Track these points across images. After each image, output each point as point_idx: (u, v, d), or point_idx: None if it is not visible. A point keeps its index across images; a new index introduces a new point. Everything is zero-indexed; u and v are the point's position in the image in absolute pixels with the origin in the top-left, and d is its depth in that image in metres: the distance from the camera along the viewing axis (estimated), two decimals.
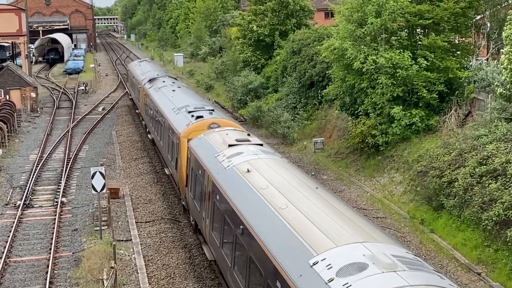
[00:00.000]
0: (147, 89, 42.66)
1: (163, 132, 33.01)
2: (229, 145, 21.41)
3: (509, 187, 22.61)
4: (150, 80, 44.23)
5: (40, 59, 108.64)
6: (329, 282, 11.27)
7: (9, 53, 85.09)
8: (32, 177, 33.76)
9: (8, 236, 25.40)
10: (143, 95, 44.24)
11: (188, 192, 24.49)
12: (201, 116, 27.85)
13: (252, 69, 57.55)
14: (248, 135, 23.63)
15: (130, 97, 60.29)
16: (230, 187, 18.16)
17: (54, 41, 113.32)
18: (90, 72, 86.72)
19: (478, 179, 24.15)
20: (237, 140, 22.02)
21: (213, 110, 30.11)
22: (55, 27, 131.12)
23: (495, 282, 20.87)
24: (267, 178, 17.45)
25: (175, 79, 48.27)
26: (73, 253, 23.91)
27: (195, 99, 35.56)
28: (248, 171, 18.25)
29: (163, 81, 42.59)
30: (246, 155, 19.94)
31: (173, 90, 37.90)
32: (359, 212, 16.54)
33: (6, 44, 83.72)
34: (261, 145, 21.96)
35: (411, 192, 28.67)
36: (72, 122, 50.40)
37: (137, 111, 52.02)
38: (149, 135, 41.67)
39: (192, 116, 28.20)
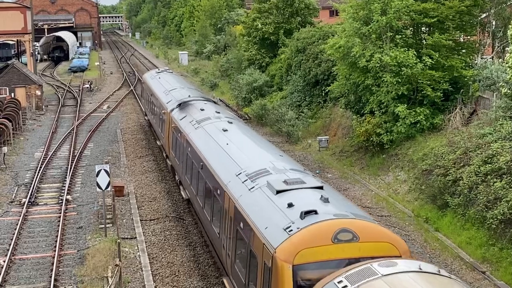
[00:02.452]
0: (177, 120, 29.72)
1: (222, 216, 18.80)
2: None
3: None
4: (181, 106, 31.36)
5: (45, 57, 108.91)
6: None
7: (14, 51, 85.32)
8: (37, 175, 33.83)
9: (13, 234, 25.46)
10: (172, 127, 31.07)
11: None
12: (314, 211, 14.20)
13: (256, 67, 57.53)
14: None
15: (146, 117, 47.76)
16: None
17: (59, 39, 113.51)
18: (95, 70, 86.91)
19: (483, 178, 24.13)
20: None
21: (321, 187, 16.26)
22: (60, 25, 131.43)
23: (500, 280, 20.85)
24: None
25: (215, 102, 35.02)
26: (77, 251, 23.97)
27: (270, 150, 21.23)
28: None
29: (202, 109, 29.11)
30: None
31: (225, 130, 24.13)
32: None
33: (11, 42, 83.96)
34: None
35: (416, 190, 28.65)
36: (77, 120, 50.47)
37: (158, 142, 39.04)
38: (182, 190, 28.14)
39: (291, 205, 14.80)
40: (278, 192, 15.83)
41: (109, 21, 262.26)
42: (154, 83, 42.60)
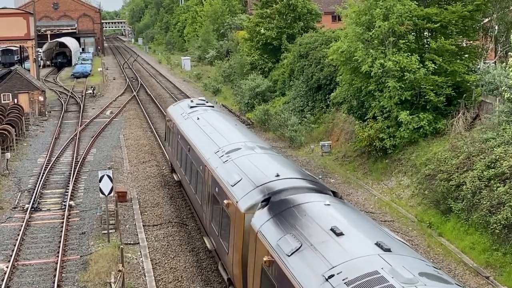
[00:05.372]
0: (274, 248, 13.81)
1: None
2: None
3: None
4: (272, 205, 15.92)
5: (48, 63, 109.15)
6: None
7: (17, 57, 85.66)
8: (40, 181, 33.85)
9: (16, 240, 25.47)
10: (257, 254, 15.02)
11: None
12: None
13: (259, 72, 57.58)
14: None
15: (173, 175, 32.25)
16: None
17: (62, 45, 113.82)
18: (98, 75, 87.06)
19: (486, 183, 24.08)
20: None
21: None
22: (63, 31, 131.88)
23: (504, 285, 20.80)
24: None
25: (334, 193, 17.12)
26: (80, 257, 23.95)
27: None
28: None
29: (337, 232, 13.15)
30: None
31: None
32: None
33: (14, 48, 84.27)
34: None
35: (419, 195, 28.60)
36: (80, 126, 50.53)
37: (207, 243, 22.21)
38: None
39: None
40: None
41: (112, 27, 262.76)
42: (190, 129, 27.34)
